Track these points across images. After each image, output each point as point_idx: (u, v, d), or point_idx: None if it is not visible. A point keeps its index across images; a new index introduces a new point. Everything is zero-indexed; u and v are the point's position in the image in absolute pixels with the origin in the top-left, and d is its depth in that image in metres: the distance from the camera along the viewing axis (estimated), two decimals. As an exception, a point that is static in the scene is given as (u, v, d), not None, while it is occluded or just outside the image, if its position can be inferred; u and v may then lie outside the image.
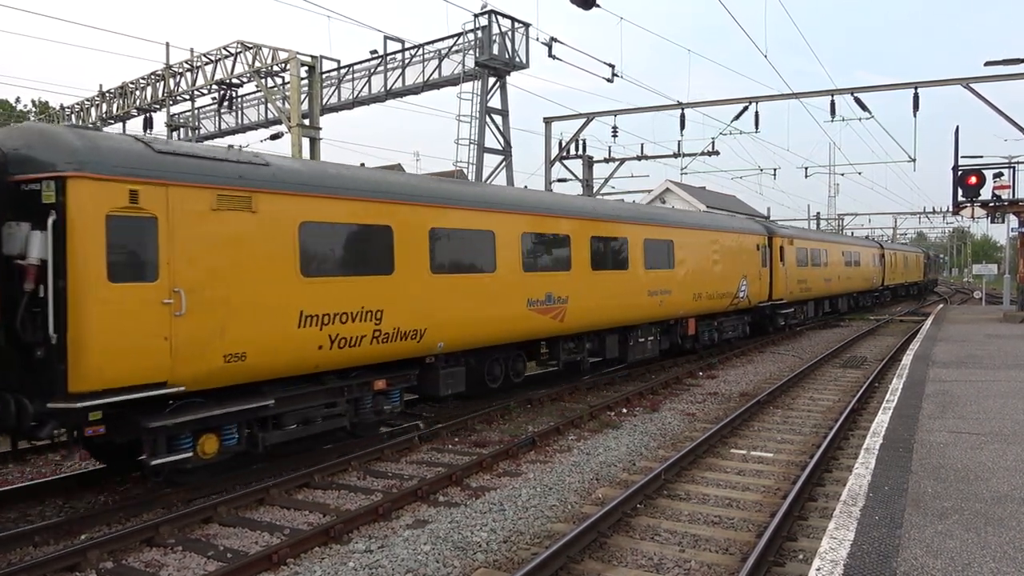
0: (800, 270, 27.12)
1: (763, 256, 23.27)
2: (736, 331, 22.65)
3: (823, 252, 30.54)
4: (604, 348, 16.05)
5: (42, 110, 42.73)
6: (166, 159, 8.04)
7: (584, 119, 28.74)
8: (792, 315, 27.15)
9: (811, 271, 28.69)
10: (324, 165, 11.04)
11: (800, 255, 27.22)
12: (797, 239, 27.23)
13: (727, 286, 20.69)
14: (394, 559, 6.92)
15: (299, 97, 20.11)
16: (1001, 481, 6.79)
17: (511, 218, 13.02)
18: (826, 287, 31.21)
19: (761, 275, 23.13)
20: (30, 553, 7.26)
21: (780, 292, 24.87)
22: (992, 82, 23.03)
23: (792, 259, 26.08)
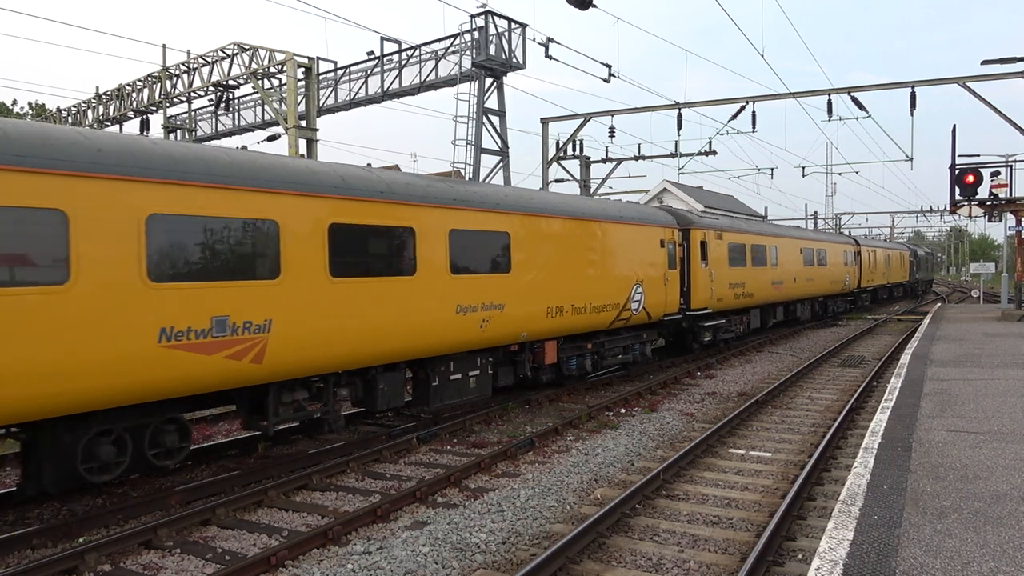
0: (735, 271, 21.68)
1: (671, 255, 17.99)
2: (628, 354, 17.23)
3: (770, 249, 25.03)
4: (376, 393, 10.80)
5: (38, 112, 42.66)
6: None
7: (581, 119, 28.74)
8: (725, 327, 21.90)
9: (753, 272, 23.16)
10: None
11: (735, 253, 21.88)
12: (729, 232, 21.65)
13: (610, 295, 15.45)
14: (392, 560, 6.91)
15: (296, 98, 20.10)
16: (1000, 480, 6.79)
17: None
18: (776, 292, 25.61)
19: (668, 279, 17.76)
20: (28, 556, 7.24)
21: (702, 300, 19.54)
22: (989, 81, 23.05)
23: (721, 257, 20.74)
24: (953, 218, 69.92)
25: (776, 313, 27.20)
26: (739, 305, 22.24)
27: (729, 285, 21.24)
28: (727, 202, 50.90)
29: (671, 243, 18.11)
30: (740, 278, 22.13)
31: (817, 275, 30.49)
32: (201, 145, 9.03)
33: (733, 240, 21.81)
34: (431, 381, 11.74)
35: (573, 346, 15.21)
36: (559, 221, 14.08)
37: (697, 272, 19.38)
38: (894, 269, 48.23)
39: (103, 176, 7.49)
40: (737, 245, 22.12)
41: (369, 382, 10.80)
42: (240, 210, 8.62)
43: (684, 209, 21.87)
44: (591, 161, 29.92)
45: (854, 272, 36.74)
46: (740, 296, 22.16)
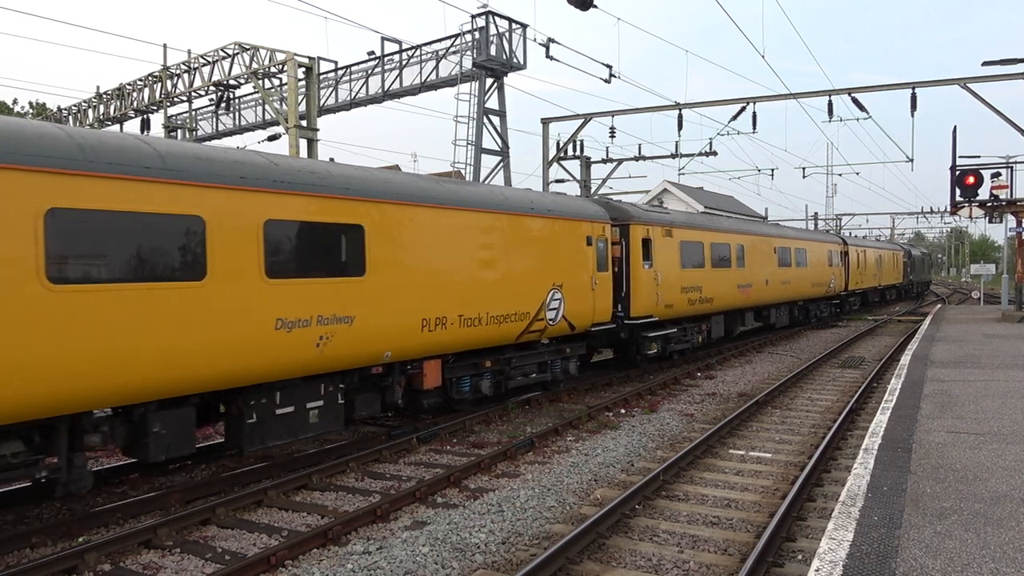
0: (690, 273, 18.90)
1: (600, 254, 15.32)
2: (546, 372, 14.40)
3: (736, 248, 21.97)
4: (149, 438, 8.03)
5: (39, 112, 42.68)
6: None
7: (582, 120, 28.74)
8: (678, 337, 19.07)
9: (713, 274, 20.23)
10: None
11: (690, 252, 19.06)
12: (682, 228, 18.83)
13: (516, 302, 12.82)
14: (392, 561, 6.91)
15: (296, 98, 20.11)
16: (1000, 481, 6.78)
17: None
18: (744, 296, 22.42)
19: (598, 283, 15.11)
20: (27, 555, 7.24)
21: (645, 307, 16.78)
22: (990, 82, 23.05)
23: (671, 257, 18.03)
24: (954, 219, 70.03)
25: (744, 319, 24.11)
26: (696, 312, 19.41)
27: (682, 289, 18.38)
28: (727, 203, 50.91)
29: (601, 240, 15.30)
30: (696, 281, 19.22)
31: (795, 277, 27.32)
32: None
33: (687, 237, 18.97)
34: (245, 417, 8.92)
35: (466, 365, 12.47)
36: (442, 212, 11.32)
37: (638, 274, 16.55)
38: (886, 270, 45.01)
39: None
40: (692, 243, 19.24)
41: (137, 424, 8.02)
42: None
43: (626, 202, 18.25)
44: (591, 161, 29.92)
45: (840, 273, 33.59)
46: (697, 302, 19.24)
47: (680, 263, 18.48)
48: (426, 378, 11.53)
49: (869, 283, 40.07)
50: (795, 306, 28.84)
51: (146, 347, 7.56)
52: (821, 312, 32.41)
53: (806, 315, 30.58)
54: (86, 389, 7.17)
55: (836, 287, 32.78)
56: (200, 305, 8.08)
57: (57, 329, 6.91)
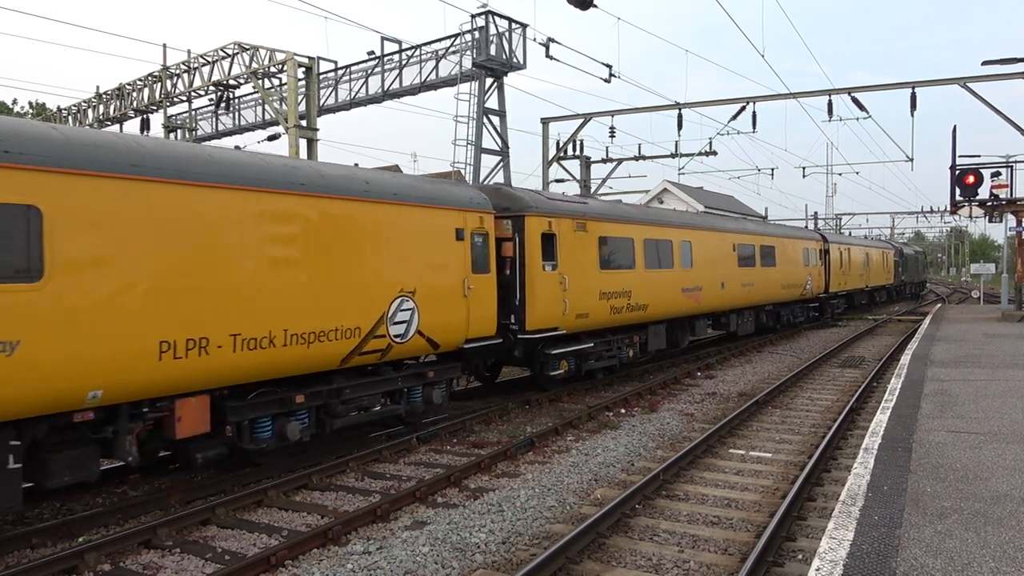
0: (613, 275, 15.67)
1: (478, 252, 12.42)
2: (399, 403, 11.47)
3: (679, 245, 18.47)
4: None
5: (39, 112, 42.68)
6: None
7: (581, 119, 28.76)
8: (599, 353, 15.79)
9: (647, 276, 16.92)
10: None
11: (613, 249, 15.88)
12: (600, 220, 15.48)
13: (337, 316, 9.78)
14: (392, 560, 6.91)
15: (296, 98, 20.11)
16: (1000, 480, 6.78)
17: None
18: (691, 301, 18.97)
19: (473, 289, 12.10)
20: (27, 555, 7.24)
21: (547, 317, 13.70)
22: (989, 81, 23.07)
23: (586, 256, 14.90)
24: (953, 219, 70.08)
25: (695, 328, 20.28)
26: (623, 321, 16.19)
27: (602, 295, 15.20)
28: (727, 202, 50.92)
29: (480, 234, 12.33)
30: (623, 284, 15.94)
31: (761, 278, 23.95)
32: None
33: (609, 232, 15.72)
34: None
35: (265, 402, 9.26)
36: (197, 192, 8.24)
37: (536, 277, 13.37)
38: (875, 270, 41.66)
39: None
40: (617, 240, 15.99)
41: None
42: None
43: (525, 188, 14.91)
44: (591, 161, 29.96)
45: (819, 274, 30.40)
46: (624, 309, 16.03)
47: (599, 263, 15.24)
48: (181, 423, 8.29)
49: (854, 284, 36.73)
50: (762, 311, 25.39)
51: None
52: (796, 317, 29.01)
53: (777, 320, 27.04)
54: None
55: (814, 289, 29.58)
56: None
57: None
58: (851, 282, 35.81)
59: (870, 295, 42.44)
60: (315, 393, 9.93)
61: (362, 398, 10.68)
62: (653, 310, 17.27)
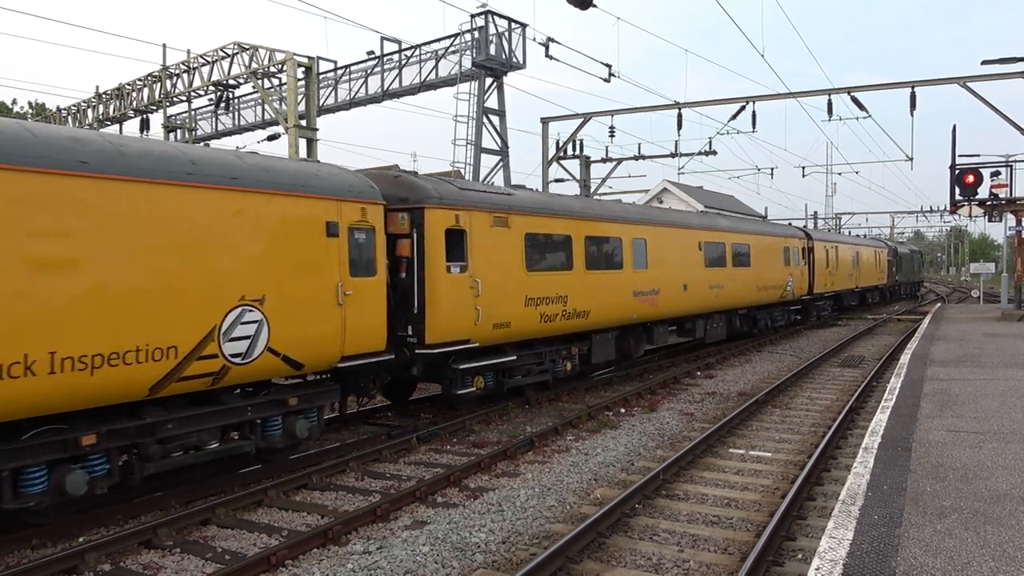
0: (544, 278, 13.66)
1: (362, 250, 10.47)
2: (253, 436, 9.37)
3: (630, 243, 16.48)
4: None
5: (39, 112, 42.68)
6: None
7: (581, 119, 28.76)
8: (527, 367, 13.88)
9: (590, 279, 14.92)
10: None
11: (543, 248, 13.90)
12: (524, 214, 13.39)
13: (141, 332, 7.79)
14: (392, 560, 6.91)
15: (296, 98, 20.11)
16: (1000, 480, 6.79)
17: None
18: (646, 306, 16.95)
19: (354, 294, 10.18)
20: (27, 555, 7.24)
21: (454, 327, 11.80)
22: (989, 81, 23.07)
23: (507, 258, 12.95)
24: (953, 218, 70.03)
25: (653, 335, 18.14)
26: (557, 331, 14.16)
27: (527, 300, 13.21)
28: (727, 202, 50.92)
29: (362, 229, 10.39)
30: (556, 288, 13.93)
31: (733, 280, 21.70)
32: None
33: (537, 228, 13.63)
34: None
35: (38, 446, 7.25)
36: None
37: (438, 281, 11.45)
38: (866, 270, 39.17)
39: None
40: (548, 237, 13.95)
41: None
42: None
43: (426, 175, 12.89)
44: (591, 161, 29.95)
45: (802, 274, 28.16)
46: (559, 317, 14.00)
47: (525, 264, 13.21)
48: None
49: (843, 285, 34.40)
50: (735, 315, 23.13)
51: None
52: (775, 321, 26.72)
53: (753, 325, 24.80)
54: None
55: (796, 290, 27.39)
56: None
57: None
58: (839, 282, 33.61)
59: (861, 296, 40.26)
60: (116, 432, 7.82)
61: (191, 434, 8.58)
62: (597, 317, 15.21)
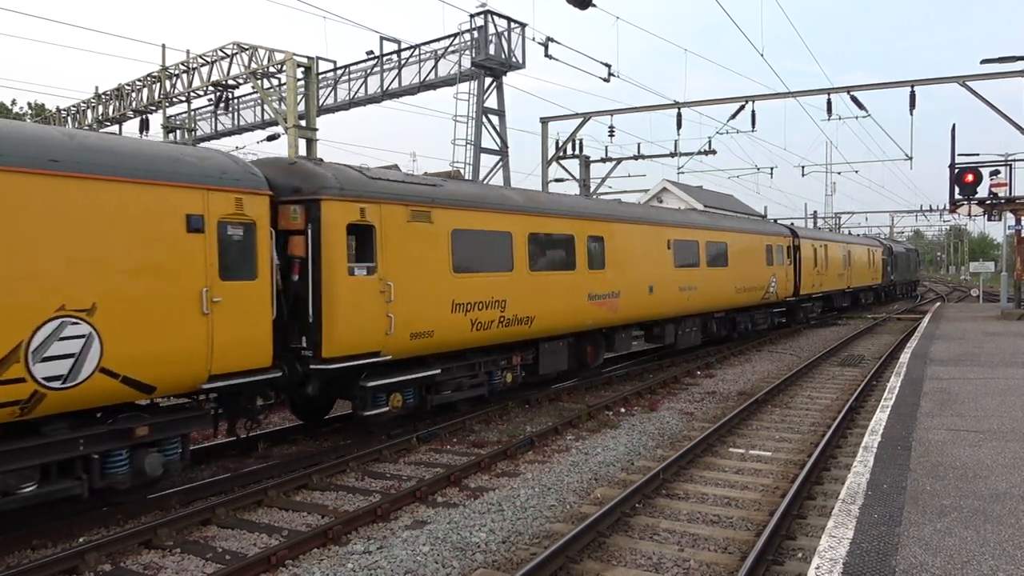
0: (474, 280, 12.17)
1: (240, 249, 8.98)
2: (54, 482, 7.46)
3: (584, 242, 14.91)
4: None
5: (38, 112, 42.67)
6: None
7: (581, 119, 28.74)
8: (458, 380, 12.43)
9: (533, 281, 13.43)
10: None
11: (475, 247, 12.34)
12: (452, 208, 11.94)
13: None
14: (393, 560, 6.91)
15: (295, 98, 20.06)
16: (1000, 479, 6.79)
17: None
18: (603, 310, 15.41)
19: (227, 301, 8.69)
20: (28, 556, 7.24)
21: (359, 339, 10.26)
22: (989, 80, 23.07)
23: (429, 257, 11.45)
24: (953, 217, 70.03)
25: (614, 342, 16.65)
26: (494, 339, 12.70)
27: (455, 306, 11.71)
28: (727, 201, 50.90)
29: (238, 224, 8.82)
30: (492, 291, 12.43)
31: (708, 281, 20.08)
32: None
33: (467, 223, 12.11)
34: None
35: None
36: None
37: (339, 285, 9.94)
38: (858, 269, 37.67)
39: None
40: (480, 234, 12.42)
41: None
42: None
43: (327, 163, 11.00)
44: (591, 161, 29.93)
45: (787, 274, 26.46)
46: (496, 324, 12.51)
47: (452, 265, 11.72)
48: None
49: (832, 285, 32.70)
50: (711, 318, 21.46)
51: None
52: (757, 324, 25.10)
53: (732, 328, 23.26)
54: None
55: (780, 291, 25.77)
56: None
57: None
58: (828, 283, 32.03)
59: (853, 297, 38.61)
60: None
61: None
62: (544, 323, 13.73)
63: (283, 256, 9.75)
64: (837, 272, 33.27)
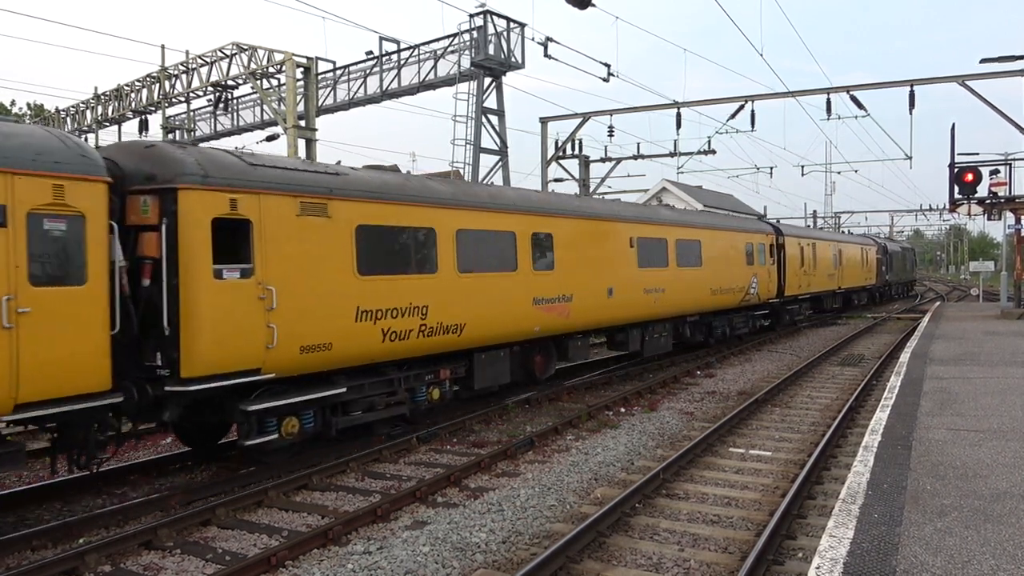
0: (386, 284, 10.65)
1: (63, 248, 7.44)
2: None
3: (525, 239, 13.37)
4: None
5: (37, 113, 42.65)
6: None
7: (580, 119, 28.76)
8: (369, 399, 10.92)
9: (463, 283, 11.96)
10: None
11: (388, 246, 10.83)
12: (359, 200, 10.38)
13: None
14: (393, 560, 6.91)
15: (295, 98, 20.09)
16: (1000, 478, 6.79)
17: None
18: (554, 316, 13.95)
19: (36, 312, 7.08)
20: (28, 557, 7.24)
21: (230, 356, 8.66)
22: (988, 79, 23.09)
23: (327, 258, 9.86)
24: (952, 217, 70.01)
25: (567, 351, 15.05)
26: (414, 351, 11.19)
27: (360, 314, 10.13)
28: (727, 201, 50.87)
29: (60, 218, 7.39)
30: (409, 295, 10.89)
31: (677, 282, 18.17)
32: None
33: (376, 218, 10.51)
34: None
35: None
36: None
37: (202, 290, 8.41)
38: (850, 269, 35.81)
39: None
40: (394, 231, 10.85)
41: None
42: None
43: (192, 145, 9.72)
44: (590, 160, 29.95)
45: (769, 274, 24.57)
46: (416, 333, 11.00)
47: (356, 266, 10.11)
48: None
49: (821, 286, 30.84)
50: (684, 323, 19.64)
51: None
52: (736, 328, 23.18)
53: (708, 333, 21.34)
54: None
55: (762, 293, 23.87)
56: None
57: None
58: (816, 283, 30.12)
59: (845, 298, 36.89)
60: None
61: None
62: (477, 332, 12.13)
63: (134, 256, 8.19)
64: (826, 272, 31.56)
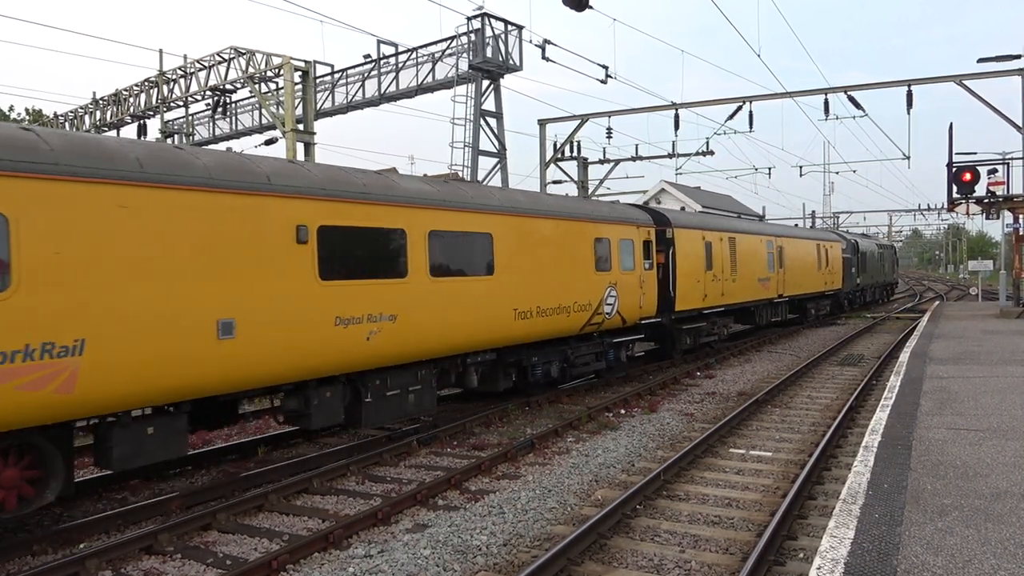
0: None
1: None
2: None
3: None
4: None
5: (35, 118, 42.65)
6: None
7: (578, 121, 28.76)
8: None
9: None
10: None
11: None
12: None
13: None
14: (394, 564, 6.91)
15: (293, 102, 20.11)
16: (1000, 477, 6.79)
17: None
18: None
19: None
20: (28, 562, 7.23)
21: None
22: (985, 79, 23.10)
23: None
24: (951, 216, 70.01)
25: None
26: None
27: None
28: (725, 202, 50.87)
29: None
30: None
31: (431, 301, 10.96)
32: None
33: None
34: None
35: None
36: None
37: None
38: (800, 272, 28.33)
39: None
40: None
41: None
42: None
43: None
44: (589, 162, 29.93)
45: (642, 282, 16.74)
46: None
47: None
48: None
49: (747, 295, 23.14)
50: (461, 362, 12.27)
51: None
52: (576, 365, 15.18)
53: (522, 375, 13.90)
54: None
55: (627, 310, 16.11)
56: None
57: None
58: (740, 292, 22.45)
59: (796, 307, 29.48)
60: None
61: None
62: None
63: None
64: (757, 276, 24.00)
